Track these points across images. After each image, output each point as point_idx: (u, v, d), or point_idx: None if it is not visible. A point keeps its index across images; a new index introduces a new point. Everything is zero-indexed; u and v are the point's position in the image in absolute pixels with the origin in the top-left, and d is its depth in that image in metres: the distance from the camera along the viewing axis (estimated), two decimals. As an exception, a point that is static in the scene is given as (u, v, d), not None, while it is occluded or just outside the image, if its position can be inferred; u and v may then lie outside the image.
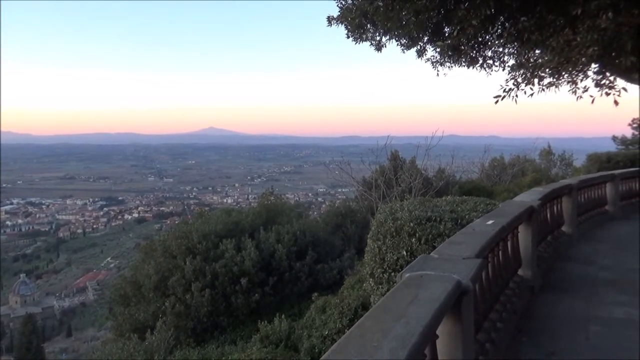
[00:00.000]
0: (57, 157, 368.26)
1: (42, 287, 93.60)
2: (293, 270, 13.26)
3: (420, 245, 6.11)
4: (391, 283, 6.32)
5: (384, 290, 6.35)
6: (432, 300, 2.49)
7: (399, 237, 6.32)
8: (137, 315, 12.56)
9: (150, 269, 13.08)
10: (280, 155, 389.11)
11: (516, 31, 7.37)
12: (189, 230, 13.82)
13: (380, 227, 6.65)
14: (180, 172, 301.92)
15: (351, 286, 9.71)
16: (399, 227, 6.36)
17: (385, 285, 6.42)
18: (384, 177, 16.14)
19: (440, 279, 2.85)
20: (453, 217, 6.41)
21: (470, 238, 4.11)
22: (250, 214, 15.63)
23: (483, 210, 6.68)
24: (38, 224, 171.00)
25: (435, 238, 6.09)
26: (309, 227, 14.96)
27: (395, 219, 6.52)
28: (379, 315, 2.32)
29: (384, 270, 6.44)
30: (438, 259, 3.44)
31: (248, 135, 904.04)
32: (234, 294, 12.30)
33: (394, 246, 6.34)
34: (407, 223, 6.34)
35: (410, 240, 6.21)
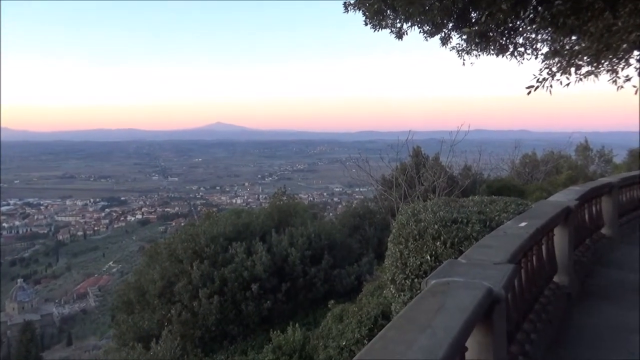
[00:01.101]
0: (56, 155, 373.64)
1: (40, 293, 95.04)
2: (307, 276, 13.28)
3: (446, 249, 6.07)
4: (414, 290, 6.30)
5: (407, 298, 6.34)
6: (461, 309, 2.48)
7: (422, 240, 6.29)
8: (141, 323, 12.69)
9: (155, 274, 13.21)
10: (293, 152, 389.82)
11: (550, 15, 7.26)
12: (196, 232, 13.92)
13: (401, 230, 6.62)
14: (186, 170, 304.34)
15: (370, 293, 9.69)
16: (422, 229, 6.33)
17: (407, 292, 6.40)
18: (405, 176, 16.06)
19: (470, 286, 2.84)
20: (481, 218, 6.36)
21: (501, 241, 4.08)
22: (261, 215, 15.68)
23: (514, 211, 6.62)
24: (36, 226, 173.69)
25: (461, 241, 6.05)
26: (325, 229, 14.97)
27: (418, 221, 6.49)
28: (403, 326, 2.32)
29: (406, 276, 6.42)
30: (466, 264, 3.42)
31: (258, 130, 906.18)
32: (244, 301, 12.36)
33: (417, 250, 6.31)
34: (431, 225, 6.31)
35: (435, 243, 6.17)
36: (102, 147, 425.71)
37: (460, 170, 18.88)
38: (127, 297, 14.25)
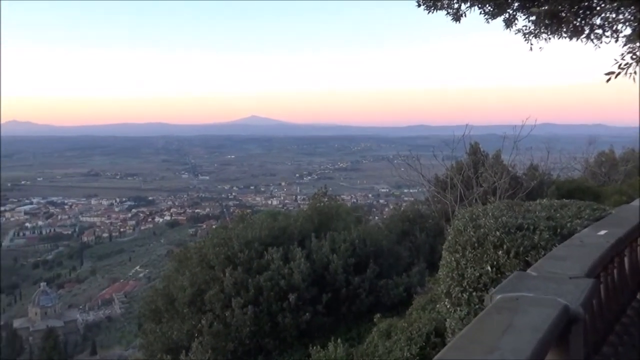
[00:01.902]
0: (81, 150, 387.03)
1: (64, 298, 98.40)
2: (351, 286, 13.23)
3: (509, 260, 5.94)
4: (472, 305, 6.19)
5: (463, 314, 6.24)
6: (533, 329, 2.39)
7: (482, 248, 6.17)
8: (170, 333, 12.92)
9: (185, 281, 13.44)
10: (334, 148, 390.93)
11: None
12: (228, 236, 14.07)
13: (458, 237, 6.52)
14: (218, 168, 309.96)
15: (421, 307, 9.58)
16: (482, 236, 6.21)
17: (464, 307, 6.29)
18: (462, 175, 15.81)
19: (542, 302, 2.75)
20: (550, 225, 6.19)
21: (576, 252, 3.95)
22: (299, 218, 15.72)
23: (589, 217, 6.42)
24: (60, 227, 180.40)
25: (527, 251, 5.91)
26: (370, 234, 14.88)
27: (477, 227, 6.37)
28: (466, 347, 2.26)
29: (463, 288, 6.31)
30: (537, 278, 3.31)
31: (296, 125, 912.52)
32: (280, 312, 12.42)
33: (476, 260, 6.20)
34: (492, 232, 6.18)
35: (497, 252, 6.04)
36: (129, 143, 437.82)
37: (525, 169, 18.47)
38: (154, 305, 14.55)
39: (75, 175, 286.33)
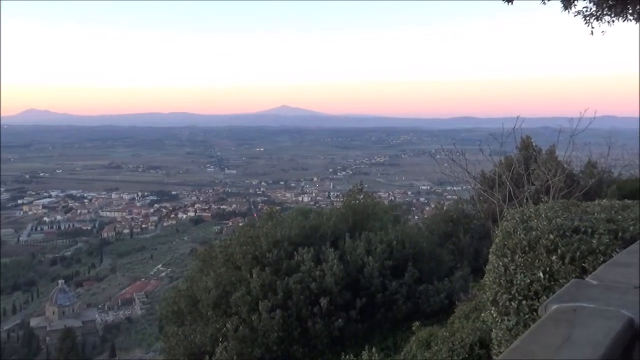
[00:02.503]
0: (102, 141, 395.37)
1: (82, 296, 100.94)
2: (387, 291, 13.16)
3: (564, 266, 5.82)
4: (521, 314, 6.10)
5: (512, 324, 6.15)
6: (593, 344, 2.33)
7: (534, 253, 6.07)
8: (193, 337, 13.08)
9: (209, 282, 13.57)
10: (371, 141, 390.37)
11: None
12: (256, 234, 14.15)
13: (507, 239, 6.42)
14: (246, 161, 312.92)
15: (465, 315, 9.49)
16: (534, 239, 6.10)
17: (513, 316, 6.19)
18: (511, 172, 15.55)
19: (603, 314, 2.67)
20: (611, 228, 6.05)
21: (641, 258, 3.83)
22: (333, 216, 15.71)
23: (655, 219, 6.25)
24: (79, 222, 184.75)
25: (584, 256, 5.78)
26: (409, 235, 14.77)
27: (529, 229, 6.26)
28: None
29: (512, 296, 6.21)
30: (598, 287, 3.23)
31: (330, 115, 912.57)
32: (311, 318, 12.44)
33: (527, 265, 6.10)
34: (545, 234, 6.07)
35: (550, 257, 5.93)
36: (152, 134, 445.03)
37: (583, 166, 18.08)
38: (177, 307, 14.74)
39: (95, 167, 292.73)
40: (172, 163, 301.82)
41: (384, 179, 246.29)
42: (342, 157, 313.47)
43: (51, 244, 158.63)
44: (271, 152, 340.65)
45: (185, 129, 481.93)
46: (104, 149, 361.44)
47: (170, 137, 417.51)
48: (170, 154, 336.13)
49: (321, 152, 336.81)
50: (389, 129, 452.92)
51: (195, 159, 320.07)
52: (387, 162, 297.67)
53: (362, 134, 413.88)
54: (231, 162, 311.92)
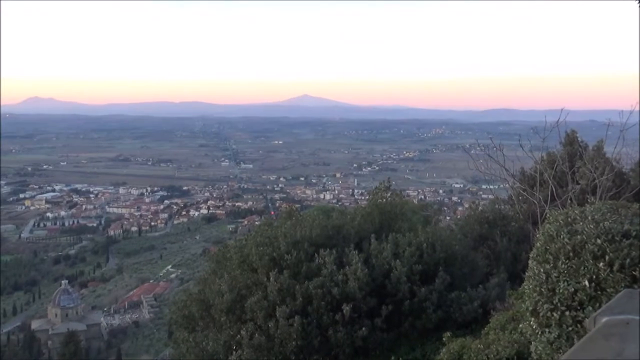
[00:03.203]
0: (109, 132, 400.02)
1: (87, 298, 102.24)
2: (416, 298, 13.13)
3: (612, 274, 5.77)
4: (564, 326, 6.06)
5: (553, 337, 6.10)
6: (645, 360, 2.30)
7: (579, 259, 6.02)
8: (205, 344, 13.17)
9: (223, 285, 13.64)
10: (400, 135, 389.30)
11: None
12: (274, 234, 14.19)
13: (549, 244, 6.38)
14: (263, 155, 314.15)
15: (501, 326, 9.44)
16: (579, 244, 6.05)
17: (554, 328, 6.15)
18: (554, 170, 15.41)
19: (657, 327, 2.63)
20: (665, 232, 5.99)
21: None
22: (357, 216, 15.71)
23: None
24: (84, 218, 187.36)
25: (635, 263, 5.72)
26: (440, 238, 14.71)
27: (573, 233, 6.21)
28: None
29: (554, 306, 6.17)
30: (650, 297, 3.19)
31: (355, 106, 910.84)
32: (332, 325, 12.46)
33: (571, 272, 6.04)
34: (592, 239, 6.01)
35: (596, 264, 5.88)
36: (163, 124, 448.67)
37: (633, 164, 17.84)
38: (188, 311, 14.86)
39: (102, 160, 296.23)
40: (184, 156, 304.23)
41: (413, 176, 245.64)
42: (368, 152, 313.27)
43: (54, 242, 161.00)
44: (290, 145, 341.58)
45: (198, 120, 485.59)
46: (111, 140, 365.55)
47: (182, 128, 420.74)
48: (181, 146, 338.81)
49: (345, 146, 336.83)
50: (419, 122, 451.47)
51: (209, 152, 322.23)
52: (416, 157, 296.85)
53: (390, 127, 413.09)
54: (247, 155, 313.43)
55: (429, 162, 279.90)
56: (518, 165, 18.01)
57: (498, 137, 20.38)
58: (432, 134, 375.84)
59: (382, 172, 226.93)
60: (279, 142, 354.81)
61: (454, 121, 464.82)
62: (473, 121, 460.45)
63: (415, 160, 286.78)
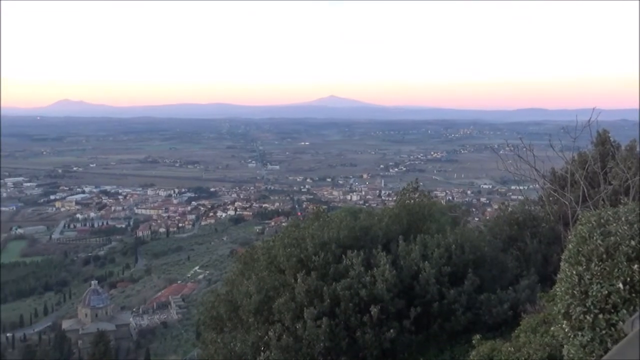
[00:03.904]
0: (137, 134, 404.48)
1: (116, 298, 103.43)
2: (444, 300, 13.04)
3: (647, 276, 5.68)
4: (597, 329, 5.97)
5: (586, 340, 6.02)
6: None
7: (612, 261, 5.93)
8: (233, 344, 13.22)
9: (251, 286, 13.68)
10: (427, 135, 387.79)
11: None
12: (301, 236, 14.20)
13: (581, 245, 6.29)
14: (290, 156, 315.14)
15: (532, 329, 9.33)
16: (613, 246, 5.96)
17: (587, 331, 6.06)
18: (586, 170, 15.19)
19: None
20: (702, 234, 5.87)
21: None
22: (384, 217, 15.67)
23: None
24: (113, 219, 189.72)
25: (671, 265, 5.63)
26: (469, 239, 14.60)
27: (607, 234, 6.12)
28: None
29: (587, 309, 6.08)
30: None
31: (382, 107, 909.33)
32: (360, 327, 12.43)
33: (604, 275, 5.95)
34: (626, 241, 5.92)
35: (631, 266, 5.79)
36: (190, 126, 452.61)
37: (668, 164, 17.54)
38: (215, 312, 14.93)
39: (130, 161, 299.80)
40: (211, 157, 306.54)
41: (440, 177, 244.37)
42: (395, 152, 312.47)
43: (84, 243, 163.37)
44: (317, 146, 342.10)
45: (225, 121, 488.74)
46: (140, 142, 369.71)
47: (209, 129, 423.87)
48: (209, 148, 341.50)
49: (372, 147, 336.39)
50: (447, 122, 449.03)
51: (236, 153, 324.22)
52: (444, 158, 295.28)
53: (417, 127, 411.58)
54: (274, 156, 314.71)
55: (457, 162, 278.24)
56: (548, 166, 17.81)
57: (528, 137, 20.19)
58: (460, 135, 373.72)
59: (409, 173, 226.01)
60: (305, 143, 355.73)
61: (483, 121, 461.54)
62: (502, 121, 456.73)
63: (443, 161, 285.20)
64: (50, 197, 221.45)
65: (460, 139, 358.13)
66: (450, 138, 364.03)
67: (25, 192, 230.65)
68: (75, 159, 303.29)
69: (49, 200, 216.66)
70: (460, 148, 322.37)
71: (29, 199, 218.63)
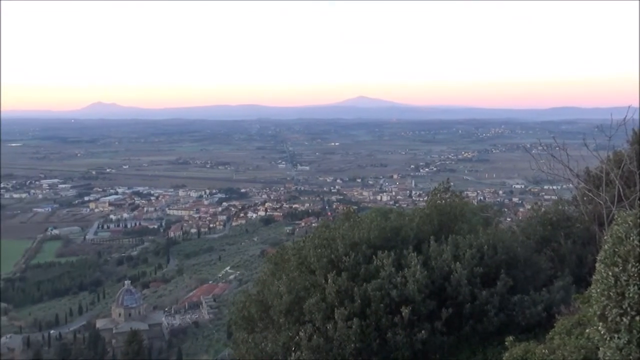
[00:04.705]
0: (169, 136, 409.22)
1: (149, 298, 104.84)
2: (476, 301, 12.93)
3: (686, 277, 5.58)
4: (634, 332, 5.89)
5: (622, 342, 5.93)
6: None
7: (650, 262, 5.84)
8: (264, 344, 13.27)
9: (281, 286, 13.71)
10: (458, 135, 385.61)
11: None
12: (332, 236, 14.19)
13: (618, 246, 6.20)
14: (319, 157, 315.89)
15: (566, 331, 9.20)
16: (651, 246, 5.87)
17: (624, 334, 5.98)
18: (621, 170, 14.93)
19: None
20: None
21: None
22: (415, 217, 15.57)
23: None
24: (146, 220, 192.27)
25: None
26: (502, 239, 14.45)
27: (644, 234, 6.03)
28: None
29: (624, 311, 5.99)
30: None
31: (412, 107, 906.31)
32: (391, 328, 12.38)
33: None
34: (664, 241, 5.83)
35: (669, 268, 5.70)
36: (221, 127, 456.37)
37: None
38: (247, 312, 14.99)
39: (162, 163, 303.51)
40: (242, 158, 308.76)
41: (472, 177, 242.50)
42: (425, 152, 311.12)
43: (117, 243, 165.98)
44: (347, 146, 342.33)
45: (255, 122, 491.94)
46: (171, 143, 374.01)
47: (239, 130, 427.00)
48: (239, 149, 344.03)
49: (402, 147, 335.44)
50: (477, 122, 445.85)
51: (266, 154, 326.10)
52: (475, 157, 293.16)
53: (447, 127, 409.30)
54: (304, 157, 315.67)
55: (488, 162, 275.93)
56: (582, 165, 17.57)
57: (561, 136, 20.01)
58: (492, 134, 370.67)
59: (440, 173, 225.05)
60: (335, 143, 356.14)
61: (514, 120, 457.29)
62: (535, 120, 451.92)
63: (474, 161, 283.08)
64: (85, 198, 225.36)
65: (492, 138, 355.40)
66: (481, 137, 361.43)
67: (60, 193, 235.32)
68: (109, 161, 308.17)
69: (83, 202, 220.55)
70: (491, 148, 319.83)
71: (64, 200, 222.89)
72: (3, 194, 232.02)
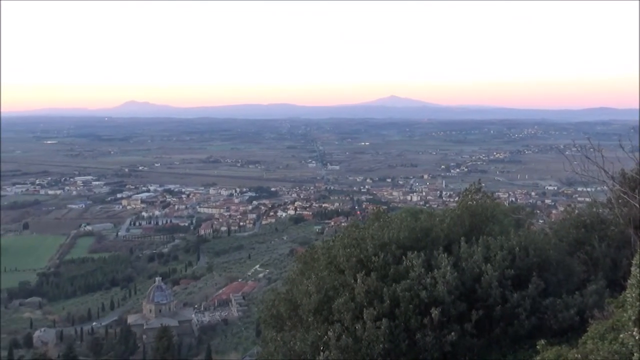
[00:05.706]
0: (200, 134, 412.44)
1: (179, 295, 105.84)
2: (507, 304, 12.79)
3: None
4: (669, 337, 5.78)
5: (658, 348, 5.83)
6: None
7: (688, 266, 5.73)
8: (292, 343, 13.29)
9: (310, 285, 13.71)
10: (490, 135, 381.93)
11: None
12: (361, 236, 14.16)
13: (654, 250, 6.09)
14: (350, 156, 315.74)
15: (600, 335, 9.03)
16: (688, 250, 5.75)
17: (660, 339, 5.88)
18: (658, 172, 14.67)
19: None
20: None
21: None
22: (446, 218, 15.45)
23: None
24: (177, 218, 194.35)
25: None
26: (534, 242, 14.26)
27: (682, 238, 5.93)
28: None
29: (660, 316, 5.90)
30: None
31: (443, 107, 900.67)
32: (420, 329, 12.31)
33: (679, 280, 5.76)
34: (703, 245, 5.71)
35: None
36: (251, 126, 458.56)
37: None
38: (276, 310, 15.02)
39: (193, 161, 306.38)
40: (272, 157, 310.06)
41: (503, 178, 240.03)
42: (456, 153, 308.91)
43: (149, 240, 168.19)
44: (377, 146, 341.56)
45: (286, 121, 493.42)
46: (202, 142, 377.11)
47: (270, 129, 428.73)
48: (269, 148, 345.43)
49: (433, 147, 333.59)
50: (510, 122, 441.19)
51: (296, 153, 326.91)
52: (507, 158, 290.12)
53: (479, 127, 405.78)
54: (334, 157, 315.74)
55: (521, 163, 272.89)
56: (618, 167, 17.27)
57: (595, 138, 19.72)
58: (524, 135, 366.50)
59: (471, 174, 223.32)
60: (365, 143, 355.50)
61: (548, 121, 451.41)
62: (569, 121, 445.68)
63: (506, 162, 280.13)
64: (117, 195, 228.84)
65: (524, 139, 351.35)
66: (513, 138, 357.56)
67: (94, 190, 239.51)
68: (141, 159, 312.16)
69: (116, 199, 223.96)
70: (524, 148, 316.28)
71: (97, 197, 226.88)
72: (39, 189, 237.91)
